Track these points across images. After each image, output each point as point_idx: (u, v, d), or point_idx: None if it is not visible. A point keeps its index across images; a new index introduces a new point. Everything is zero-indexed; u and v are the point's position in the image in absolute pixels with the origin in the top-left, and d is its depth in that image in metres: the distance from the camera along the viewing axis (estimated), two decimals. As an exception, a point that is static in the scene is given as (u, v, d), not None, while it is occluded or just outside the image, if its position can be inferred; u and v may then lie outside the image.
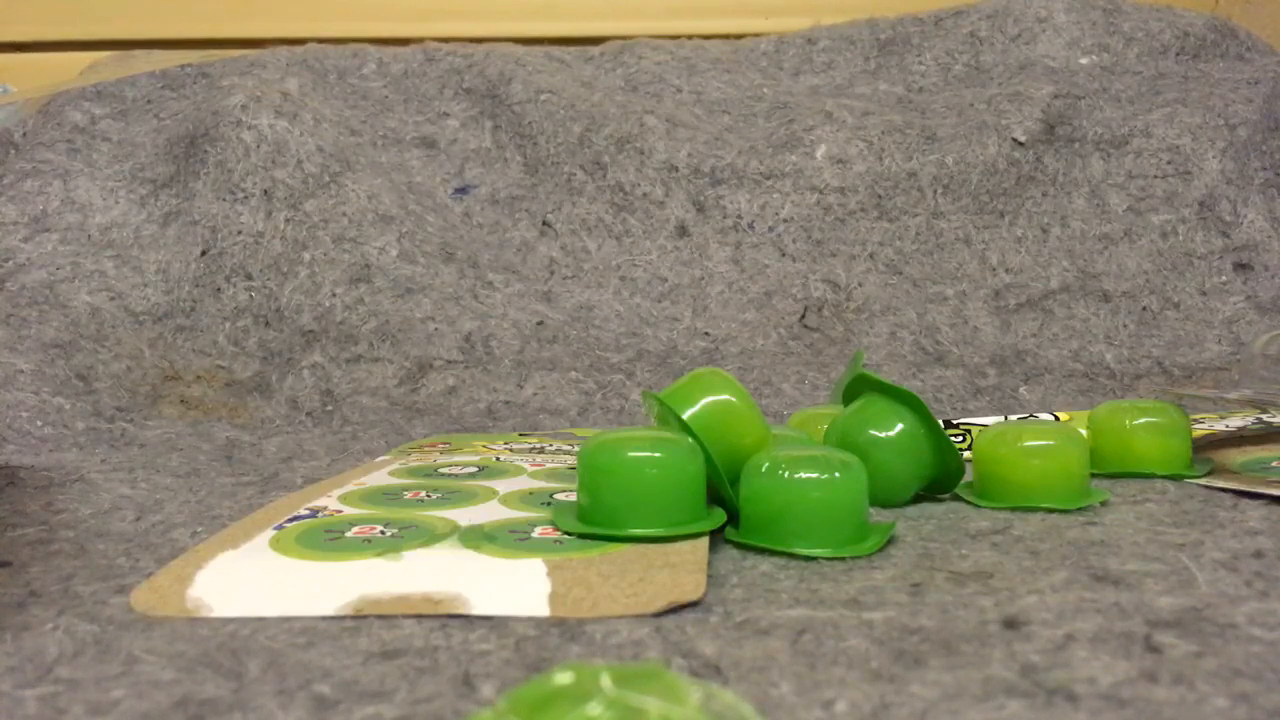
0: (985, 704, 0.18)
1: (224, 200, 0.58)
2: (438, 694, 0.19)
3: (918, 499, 0.33)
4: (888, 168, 0.62)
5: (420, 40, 0.71)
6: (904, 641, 0.20)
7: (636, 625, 0.22)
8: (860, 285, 0.59)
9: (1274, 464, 0.36)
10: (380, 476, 0.35)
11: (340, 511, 0.30)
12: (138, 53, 0.73)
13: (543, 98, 0.65)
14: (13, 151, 0.62)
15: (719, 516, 0.28)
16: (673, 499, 0.27)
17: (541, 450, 0.40)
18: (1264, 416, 0.43)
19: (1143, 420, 0.36)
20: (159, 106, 0.65)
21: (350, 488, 0.33)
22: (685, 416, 0.29)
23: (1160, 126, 0.64)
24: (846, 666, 0.19)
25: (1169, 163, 0.63)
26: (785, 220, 0.61)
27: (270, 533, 0.27)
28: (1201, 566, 0.25)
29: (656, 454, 0.27)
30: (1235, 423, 0.43)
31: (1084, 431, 0.36)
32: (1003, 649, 0.20)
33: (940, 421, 0.33)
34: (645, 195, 0.62)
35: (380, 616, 0.22)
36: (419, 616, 0.22)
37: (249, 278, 0.56)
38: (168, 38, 0.77)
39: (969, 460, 0.34)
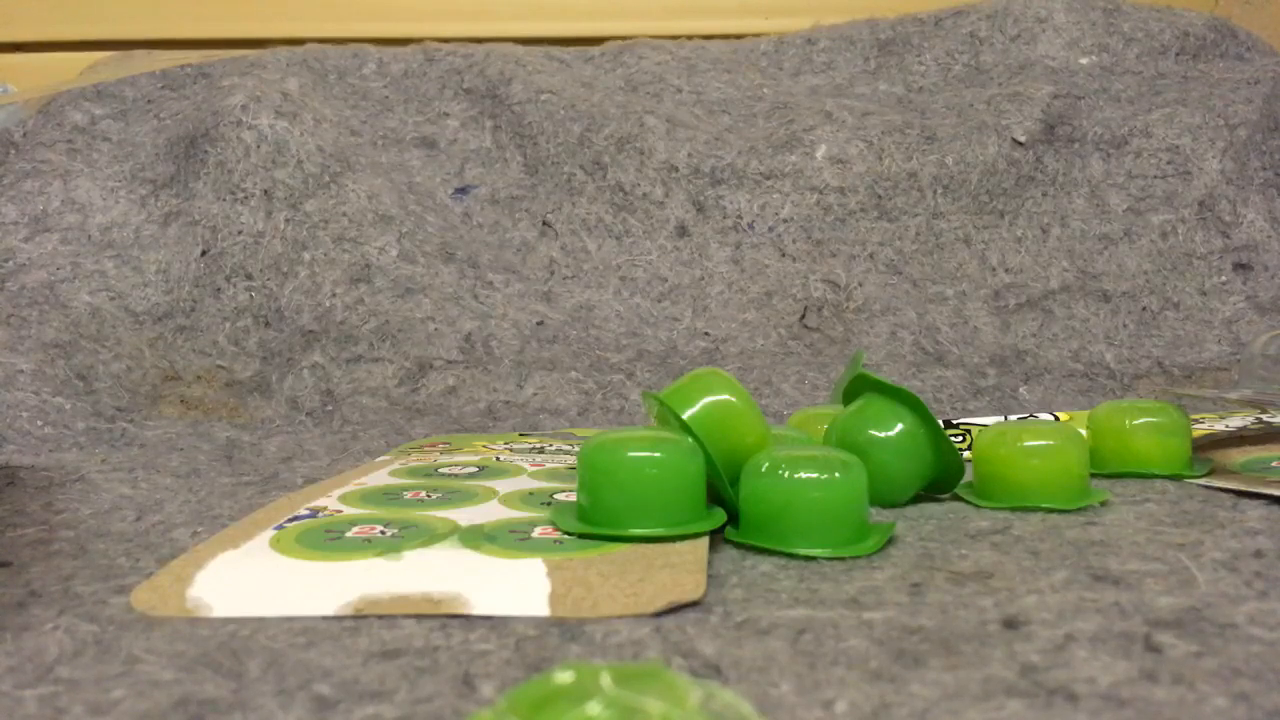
0: (985, 704, 0.18)
1: (224, 200, 0.58)
2: (438, 694, 0.19)
3: (918, 499, 0.33)
4: (888, 168, 0.62)
5: (420, 40, 0.71)
6: (904, 641, 0.20)
7: (636, 625, 0.22)
8: (860, 285, 0.59)
9: (1274, 464, 0.36)
10: (380, 476, 0.35)
11: (340, 511, 0.30)
12: (138, 53, 0.73)
13: (543, 98, 0.65)
14: (13, 151, 0.62)
15: (719, 516, 0.28)
16: (673, 499, 0.27)
17: (541, 450, 0.40)
18: (1264, 416, 0.43)
19: (1143, 420, 0.36)
20: (159, 106, 0.65)
21: (350, 488, 0.33)
22: (685, 416, 0.29)
23: (1160, 126, 0.64)
24: (846, 666, 0.19)
25: (1169, 163, 0.63)
26: (785, 220, 0.61)
27: (270, 533, 0.27)
28: (1201, 566, 0.25)
29: (656, 454, 0.27)
30: (1235, 423, 0.43)
31: (1084, 431, 0.36)
32: (1003, 649, 0.20)
33: (940, 421, 0.33)
34: (645, 195, 0.62)
35: (380, 616, 0.22)
36: (419, 616, 0.22)
37: (249, 278, 0.56)
38: (168, 38, 0.77)
39: (969, 460, 0.34)
